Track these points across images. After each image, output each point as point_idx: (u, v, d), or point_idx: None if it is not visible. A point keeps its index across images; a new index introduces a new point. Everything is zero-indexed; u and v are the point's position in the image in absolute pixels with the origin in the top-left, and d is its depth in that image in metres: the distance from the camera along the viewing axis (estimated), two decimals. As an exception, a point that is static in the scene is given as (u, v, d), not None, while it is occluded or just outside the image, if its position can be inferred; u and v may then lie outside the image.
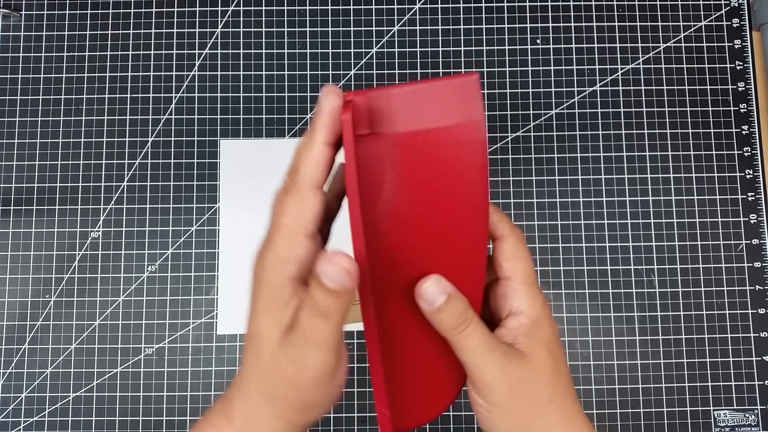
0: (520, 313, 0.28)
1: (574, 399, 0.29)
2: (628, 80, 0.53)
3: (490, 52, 0.53)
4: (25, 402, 0.49)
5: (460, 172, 0.27)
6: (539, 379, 0.27)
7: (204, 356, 0.49)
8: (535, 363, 0.27)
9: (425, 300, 0.27)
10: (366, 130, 0.27)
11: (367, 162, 0.27)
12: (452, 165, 0.27)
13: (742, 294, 0.50)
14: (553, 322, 0.29)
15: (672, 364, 0.49)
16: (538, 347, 0.28)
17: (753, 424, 0.48)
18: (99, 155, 0.52)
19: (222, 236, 0.50)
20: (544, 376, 0.27)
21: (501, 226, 0.29)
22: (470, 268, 0.28)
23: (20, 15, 0.53)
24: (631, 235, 0.51)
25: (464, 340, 0.27)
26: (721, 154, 0.52)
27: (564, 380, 0.28)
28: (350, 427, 0.48)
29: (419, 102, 0.27)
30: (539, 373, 0.27)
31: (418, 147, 0.27)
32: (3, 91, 0.52)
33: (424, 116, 0.27)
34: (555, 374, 0.28)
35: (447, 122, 0.27)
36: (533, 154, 0.52)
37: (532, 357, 0.27)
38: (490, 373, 0.27)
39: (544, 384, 0.27)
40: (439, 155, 0.27)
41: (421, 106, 0.27)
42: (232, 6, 0.54)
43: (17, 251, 0.51)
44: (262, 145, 0.52)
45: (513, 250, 0.28)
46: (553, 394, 0.28)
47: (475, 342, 0.27)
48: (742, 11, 0.54)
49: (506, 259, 0.28)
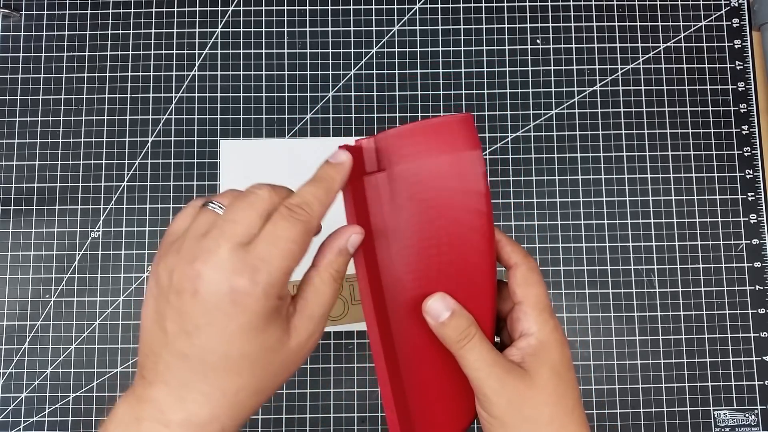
0: (529, 335, 0.29)
1: (580, 424, 0.29)
2: (628, 80, 0.53)
3: (490, 52, 0.53)
4: (25, 402, 0.49)
5: (463, 200, 0.29)
6: (539, 397, 0.28)
7: (204, 356, 0.49)
8: (537, 382, 0.28)
9: (431, 315, 0.29)
10: (374, 168, 0.30)
11: (374, 194, 0.29)
12: (455, 193, 0.29)
13: (742, 294, 0.50)
14: (564, 347, 0.29)
15: (672, 364, 0.49)
16: (542, 367, 0.28)
17: (753, 424, 0.48)
18: (99, 155, 0.52)
19: (222, 236, 0.50)
20: (546, 395, 0.28)
21: (514, 256, 0.30)
22: (478, 288, 0.30)
23: (20, 15, 0.53)
24: (631, 235, 0.51)
25: (467, 354, 0.28)
26: (721, 154, 0.52)
27: (569, 404, 0.29)
28: (350, 427, 0.48)
29: (419, 139, 0.29)
30: (540, 391, 0.28)
31: (421, 178, 0.29)
32: (3, 91, 0.52)
33: (425, 151, 0.29)
34: (558, 396, 0.28)
35: (447, 155, 0.29)
36: (533, 154, 0.52)
37: (536, 376, 0.28)
38: (490, 386, 0.28)
39: (545, 403, 0.28)
40: (442, 185, 0.29)
41: (422, 143, 0.29)
42: (232, 6, 0.54)
43: (17, 251, 0.51)
44: (262, 145, 0.52)
45: (525, 277, 0.30)
46: (554, 414, 0.28)
47: (476, 356, 0.28)
48: (742, 11, 0.54)
49: (518, 285, 0.30)
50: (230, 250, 0.24)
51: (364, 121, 0.52)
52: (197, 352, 0.24)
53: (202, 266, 0.24)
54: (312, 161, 0.51)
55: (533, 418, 0.28)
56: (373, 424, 0.48)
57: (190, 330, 0.24)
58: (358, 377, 0.49)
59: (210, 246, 0.24)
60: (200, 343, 0.24)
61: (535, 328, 0.29)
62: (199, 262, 0.24)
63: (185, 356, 0.24)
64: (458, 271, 0.30)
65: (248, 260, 0.24)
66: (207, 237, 0.25)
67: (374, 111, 0.52)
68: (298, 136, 0.52)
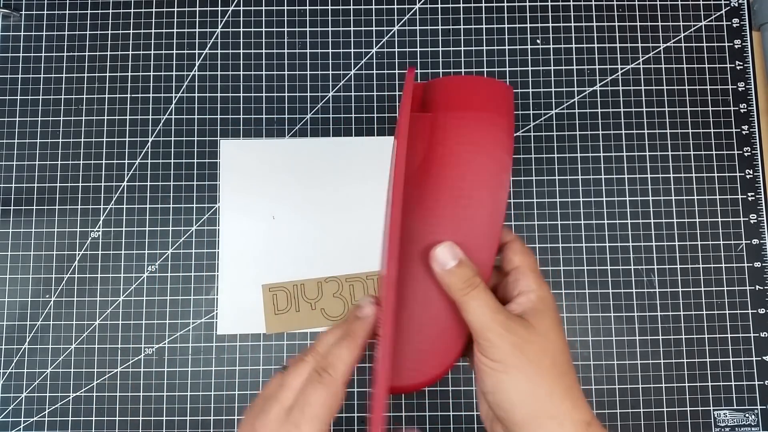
0: (529, 291, 0.31)
1: (575, 380, 0.30)
2: (628, 80, 0.53)
3: (490, 52, 0.53)
4: (25, 402, 0.49)
5: (489, 160, 0.31)
6: (542, 344, 0.29)
7: (204, 356, 0.49)
8: (539, 330, 0.29)
9: (438, 262, 0.30)
10: (418, 111, 0.32)
11: (418, 132, 0.32)
12: (481, 144, 0.32)
13: (742, 294, 0.50)
14: (557, 310, 0.31)
15: (672, 364, 0.49)
16: (544, 319, 0.30)
17: (753, 424, 0.48)
18: (99, 155, 0.52)
19: (222, 236, 0.50)
20: (548, 343, 0.29)
21: (507, 235, 0.33)
22: (484, 245, 0.31)
23: (20, 15, 0.53)
24: (631, 235, 0.51)
25: (471, 301, 0.29)
26: (721, 154, 0.52)
27: (566, 359, 0.30)
28: (350, 427, 0.48)
29: (463, 90, 0.33)
30: (542, 339, 0.29)
31: (461, 131, 0.32)
32: (3, 91, 0.52)
33: (466, 101, 0.32)
34: (556, 347, 0.29)
35: (485, 114, 0.32)
36: (533, 154, 0.52)
37: (538, 326, 0.29)
38: (494, 330, 0.29)
39: (546, 350, 0.29)
40: (473, 135, 0.32)
41: (464, 94, 0.32)
42: (232, 6, 0.54)
43: (17, 251, 0.51)
44: (262, 145, 0.52)
45: (521, 248, 0.32)
46: (555, 362, 0.29)
47: (481, 303, 0.29)
48: (742, 11, 0.54)
49: (515, 252, 0.32)
50: (276, 413, 0.29)
51: (364, 121, 0.52)
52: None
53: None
54: (312, 161, 0.51)
55: (537, 361, 0.29)
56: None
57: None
58: (359, 377, 0.49)
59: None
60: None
61: (534, 286, 0.31)
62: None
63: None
64: (469, 226, 0.31)
65: (285, 426, 0.29)
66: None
67: (374, 111, 0.52)
68: (298, 136, 0.52)
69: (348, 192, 0.51)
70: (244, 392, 0.49)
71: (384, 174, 0.51)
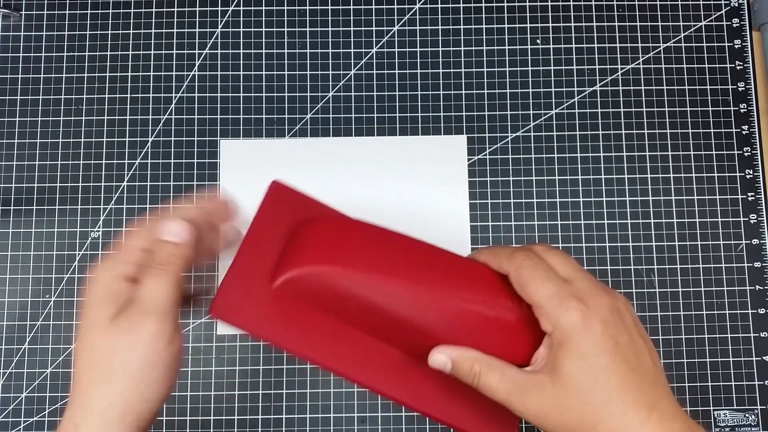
0: (548, 334, 0.29)
1: (628, 405, 0.27)
2: (628, 80, 0.53)
3: (490, 52, 0.53)
4: (25, 402, 0.49)
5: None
6: (562, 404, 0.28)
7: (204, 356, 0.49)
8: (556, 387, 0.28)
9: (437, 368, 0.31)
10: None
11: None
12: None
13: (742, 294, 0.50)
14: (594, 326, 0.28)
15: (672, 364, 0.49)
16: (562, 368, 0.28)
17: (753, 424, 0.48)
18: (99, 155, 0.52)
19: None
20: (568, 399, 0.28)
21: (502, 265, 0.32)
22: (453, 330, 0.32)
23: (20, 15, 0.53)
24: (631, 235, 0.51)
25: (481, 387, 0.30)
26: (721, 154, 0.52)
27: (601, 395, 0.27)
28: (350, 427, 0.48)
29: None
30: (561, 397, 0.28)
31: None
32: (3, 91, 0.52)
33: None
34: (583, 392, 0.27)
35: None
36: (533, 154, 0.52)
37: (556, 380, 0.28)
38: (515, 408, 0.29)
39: (569, 407, 0.28)
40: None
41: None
42: (232, 6, 0.54)
43: (17, 251, 0.51)
44: (262, 145, 0.52)
45: (517, 282, 0.30)
46: (583, 414, 0.27)
47: (489, 387, 0.30)
48: (742, 11, 0.54)
49: (518, 291, 0.31)
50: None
51: (364, 121, 0.52)
52: None
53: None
54: (312, 161, 0.51)
55: (562, 424, 0.28)
56: (373, 424, 0.48)
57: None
58: (358, 377, 0.49)
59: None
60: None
61: (551, 327, 0.29)
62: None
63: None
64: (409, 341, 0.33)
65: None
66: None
67: (374, 111, 0.52)
68: (298, 136, 0.52)
69: (348, 192, 0.51)
70: (244, 392, 0.49)
71: (384, 174, 0.51)
